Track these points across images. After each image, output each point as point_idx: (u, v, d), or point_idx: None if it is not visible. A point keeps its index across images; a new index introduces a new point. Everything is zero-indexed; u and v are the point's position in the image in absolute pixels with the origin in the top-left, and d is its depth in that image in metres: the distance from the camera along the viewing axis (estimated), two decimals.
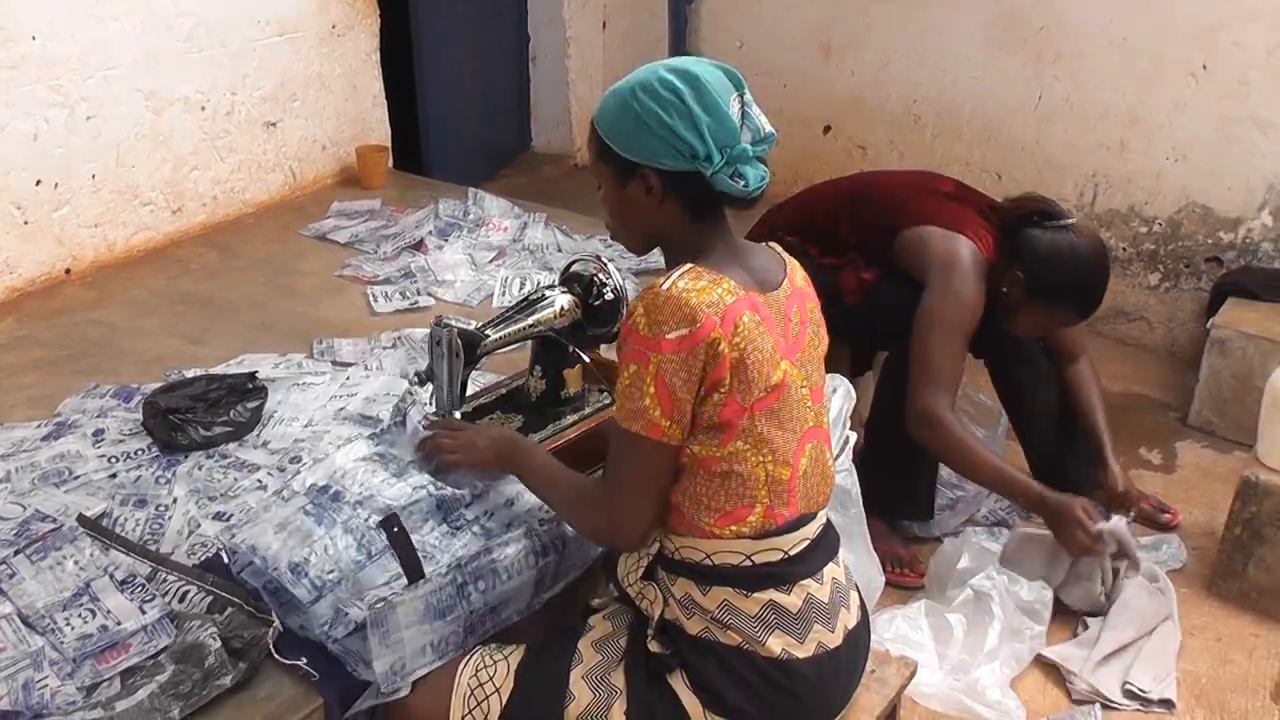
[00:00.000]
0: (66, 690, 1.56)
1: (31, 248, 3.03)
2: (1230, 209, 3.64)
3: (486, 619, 1.76)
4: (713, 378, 1.49)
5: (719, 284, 1.51)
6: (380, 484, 1.83)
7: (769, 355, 1.53)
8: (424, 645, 1.66)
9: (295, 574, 1.68)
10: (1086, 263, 2.48)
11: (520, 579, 1.78)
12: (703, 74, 1.52)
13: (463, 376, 1.97)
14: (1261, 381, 2.79)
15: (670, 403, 1.49)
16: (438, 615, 1.67)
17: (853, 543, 2.39)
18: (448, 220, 3.47)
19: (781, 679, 1.55)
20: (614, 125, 1.56)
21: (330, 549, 1.70)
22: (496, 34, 4.90)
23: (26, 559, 1.76)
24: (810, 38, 4.38)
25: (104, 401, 2.37)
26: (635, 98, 1.53)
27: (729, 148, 1.51)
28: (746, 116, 1.54)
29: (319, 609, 1.66)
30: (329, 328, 2.82)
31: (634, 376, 1.50)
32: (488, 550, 1.74)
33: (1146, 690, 2.35)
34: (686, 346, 1.47)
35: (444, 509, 1.83)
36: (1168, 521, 2.96)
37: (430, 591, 1.65)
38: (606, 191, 1.63)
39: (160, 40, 3.22)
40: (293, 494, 1.84)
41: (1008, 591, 2.50)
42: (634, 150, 1.54)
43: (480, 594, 1.72)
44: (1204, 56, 3.54)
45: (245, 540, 1.74)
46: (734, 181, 1.52)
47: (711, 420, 1.51)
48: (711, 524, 1.56)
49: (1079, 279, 2.48)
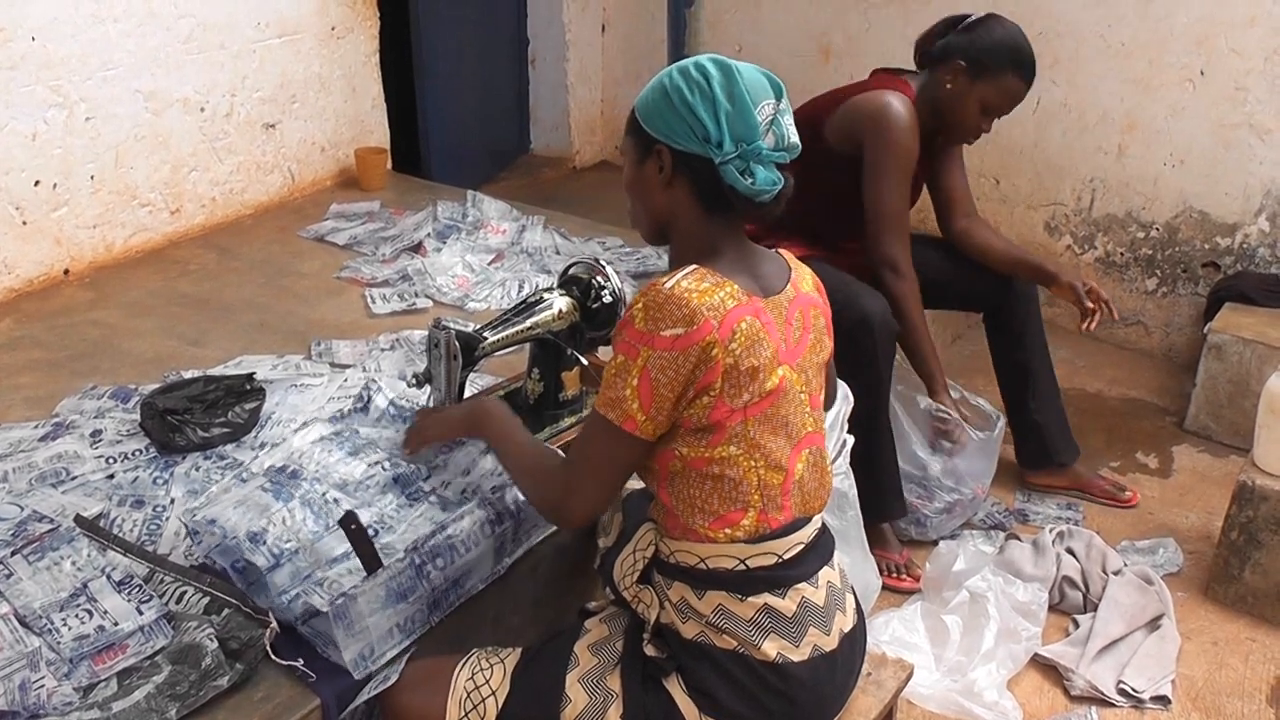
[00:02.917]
0: (63, 691, 1.56)
1: (30, 248, 3.03)
2: (1227, 214, 3.64)
3: (450, 593, 1.78)
4: (703, 381, 1.49)
5: (722, 287, 1.51)
6: (336, 462, 1.88)
7: (767, 361, 1.53)
8: (389, 628, 1.68)
9: (253, 542, 1.72)
10: (1012, 29, 2.65)
11: (479, 549, 1.80)
12: (741, 69, 1.54)
13: (461, 379, 1.97)
14: (1258, 386, 2.80)
15: (650, 399, 1.49)
16: (399, 599, 1.69)
17: (850, 546, 2.39)
18: (446, 222, 3.47)
19: (777, 682, 1.55)
20: (646, 101, 1.59)
21: (288, 520, 1.75)
22: (496, 37, 4.91)
23: (24, 559, 1.76)
24: (809, 42, 4.39)
25: (102, 402, 2.37)
26: (670, 76, 1.57)
27: (745, 142, 1.52)
28: (775, 123, 1.55)
29: (277, 577, 1.69)
30: (327, 329, 2.82)
31: (620, 367, 1.51)
32: (442, 527, 1.76)
33: (1140, 690, 2.36)
34: (680, 346, 1.47)
35: (400, 483, 1.88)
36: (1127, 500, 3.04)
37: (390, 578, 1.67)
38: (627, 169, 1.65)
39: (160, 41, 3.22)
40: (251, 475, 1.86)
41: (1003, 593, 2.51)
42: (654, 125, 1.57)
43: (440, 571, 1.74)
44: (1201, 62, 3.55)
45: (205, 515, 1.76)
46: (742, 177, 1.53)
47: (701, 421, 1.52)
48: (705, 527, 1.56)
49: (1013, 41, 2.63)
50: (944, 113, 2.69)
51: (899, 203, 2.67)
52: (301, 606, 1.66)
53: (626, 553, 1.69)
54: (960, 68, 2.63)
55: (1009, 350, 2.97)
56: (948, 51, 2.66)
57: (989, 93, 2.63)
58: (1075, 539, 2.75)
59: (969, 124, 2.69)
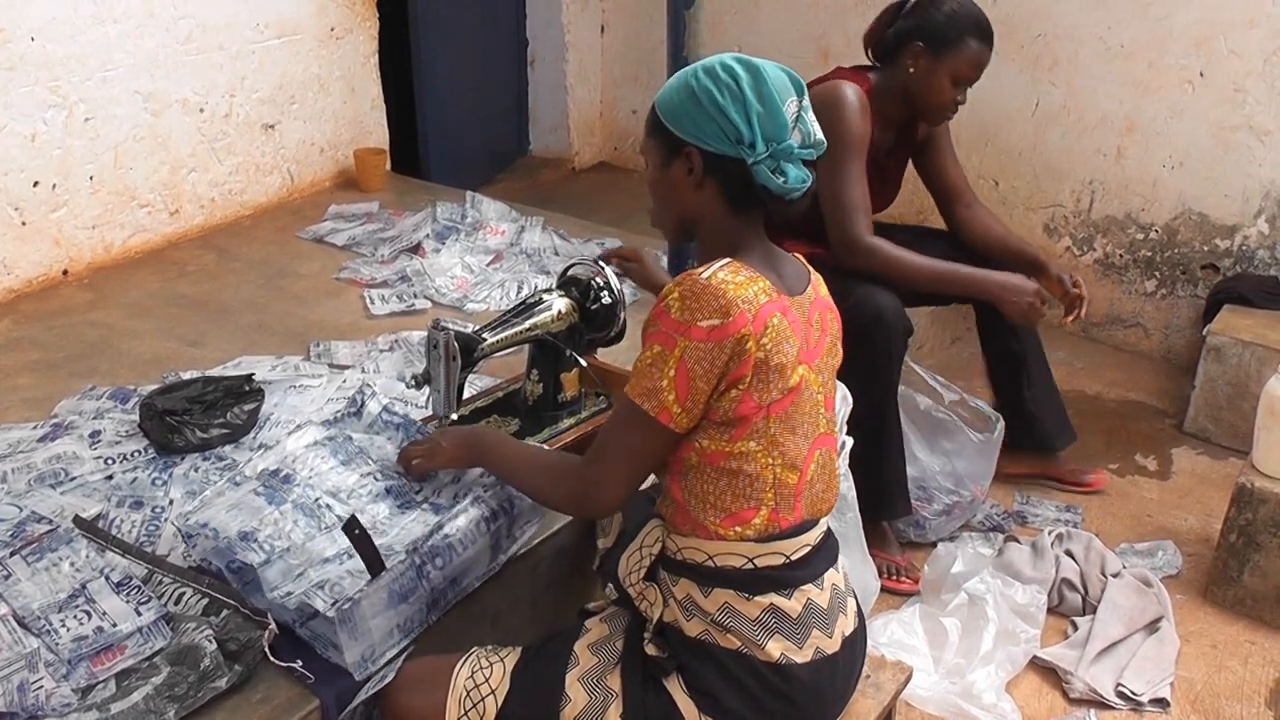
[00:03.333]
0: (62, 692, 1.56)
1: (29, 249, 3.03)
2: (1227, 216, 3.64)
3: (448, 591, 1.78)
4: (734, 374, 1.50)
5: (755, 282, 1.52)
6: (329, 470, 1.88)
7: (791, 359, 1.54)
8: (390, 629, 1.69)
9: (245, 540, 1.72)
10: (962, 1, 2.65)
11: (476, 547, 1.80)
12: (766, 68, 1.55)
13: (459, 380, 1.97)
14: (1257, 388, 2.80)
15: (687, 390, 1.49)
16: (400, 600, 1.69)
17: (849, 548, 2.39)
18: (445, 223, 3.47)
19: (779, 684, 1.55)
20: (670, 102, 1.59)
21: (281, 522, 1.76)
22: (495, 38, 4.91)
23: (22, 560, 1.76)
24: (808, 43, 4.39)
25: (101, 403, 2.37)
26: (695, 77, 1.56)
27: (776, 142, 1.53)
28: (800, 120, 1.56)
29: (269, 574, 1.69)
30: (326, 330, 2.82)
31: (656, 357, 1.51)
32: (439, 526, 1.76)
33: (1139, 693, 2.36)
34: (716, 338, 1.48)
35: (393, 493, 1.89)
36: (1091, 484, 3.09)
37: (392, 580, 1.67)
38: (651, 169, 1.65)
39: (159, 42, 3.22)
40: (245, 479, 1.86)
41: (1002, 595, 2.51)
42: (682, 127, 1.57)
43: (439, 570, 1.74)
44: (1201, 64, 3.55)
45: (198, 519, 1.76)
46: (774, 176, 1.53)
47: (726, 415, 1.52)
48: (716, 524, 1.56)
49: (963, 9, 2.64)
50: (915, 97, 2.69)
51: (856, 188, 2.63)
52: (299, 605, 1.66)
53: (633, 549, 1.68)
54: (919, 49, 2.63)
55: (1003, 341, 2.97)
56: (901, 37, 2.67)
57: (955, 64, 2.63)
58: (1074, 541, 2.75)
59: (943, 101, 2.68)
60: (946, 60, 2.63)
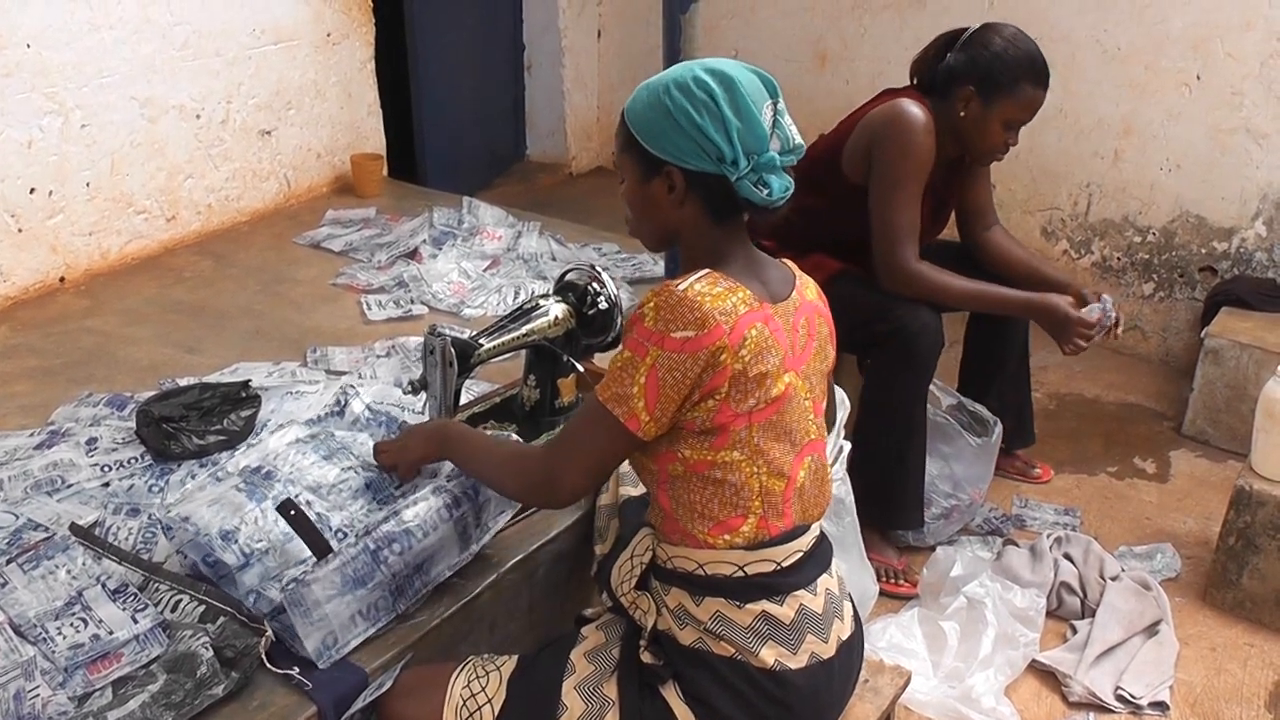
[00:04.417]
0: (58, 700, 1.55)
1: (25, 256, 3.03)
2: (1224, 219, 3.65)
3: (414, 578, 1.77)
4: (708, 386, 1.49)
5: (734, 292, 1.51)
6: (310, 465, 1.87)
7: (775, 367, 1.52)
8: (352, 615, 1.68)
9: (225, 540, 1.71)
10: (1014, 37, 2.55)
11: (438, 534, 1.78)
12: (738, 77, 1.52)
13: (456, 386, 1.97)
14: (1255, 391, 2.80)
15: (656, 399, 1.48)
16: (357, 584, 1.68)
17: (847, 552, 2.39)
18: (442, 229, 3.47)
19: (774, 690, 1.54)
20: (644, 119, 1.56)
21: (260, 520, 1.74)
22: (492, 43, 4.91)
23: (18, 568, 1.76)
24: (805, 47, 4.39)
25: (97, 410, 2.37)
26: (668, 94, 1.53)
27: (757, 154, 1.51)
28: (778, 125, 1.54)
29: (245, 577, 1.69)
30: (323, 336, 2.82)
31: (627, 362, 1.50)
32: (395, 512, 1.75)
33: (1138, 696, 2.36)
34: (689, 349, 1.46)
35: (373, 489, 1.87)
36: (1037, 477, 3.15)
37: (343, 563, 1.66)
38: (628, 185, 1.63)
39: (155, 48, 3.22)
40: (226, 475, 1.86)
41: (1001, 599, 2.50)
42: (661, 147, 1.54)
43: (398, 556, 1.72)
44: (1198, 67, 3.55)
45: (179, 513, 1.75)
46: (758, 189, 1.52)
47: (704, 424, 1.51)
48: (705, 533, 1.56)
49: (1020, 51, 2.53)
50: (966, 139, 2.60)
51: (908, 214, 2.54)
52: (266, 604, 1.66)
53: (624, 558, 1.68)
54: (970, 94, 2.53)
55: (987, 340, 2.97)
56: (953, 77, 2.55)
57: (1007, 109, 2.53)
58: (1073, 544, 2.75)
59: (994, 144, 2.59)
60: (998, 106, 2.52)
